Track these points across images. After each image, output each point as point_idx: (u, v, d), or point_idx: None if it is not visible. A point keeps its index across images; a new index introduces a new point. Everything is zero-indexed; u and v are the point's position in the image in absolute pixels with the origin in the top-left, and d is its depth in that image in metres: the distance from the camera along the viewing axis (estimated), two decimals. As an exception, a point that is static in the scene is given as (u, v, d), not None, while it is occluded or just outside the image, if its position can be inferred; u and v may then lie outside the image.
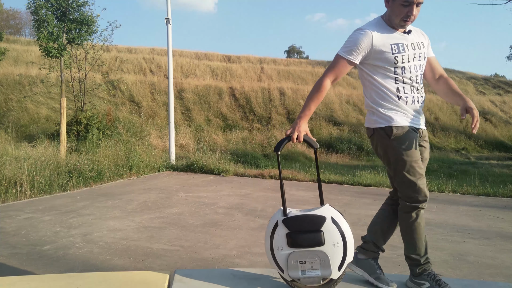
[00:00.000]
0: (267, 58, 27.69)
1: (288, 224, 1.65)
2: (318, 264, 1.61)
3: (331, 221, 1.64)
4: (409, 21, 1.79)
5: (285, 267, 1.63)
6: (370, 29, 1.81)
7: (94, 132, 10.50)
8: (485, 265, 3.42)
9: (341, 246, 1.63)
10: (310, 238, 1.61)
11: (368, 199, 6.42)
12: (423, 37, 1.94)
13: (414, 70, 1.86)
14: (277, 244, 1.65)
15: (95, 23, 9.70)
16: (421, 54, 1.88)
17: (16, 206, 5.35)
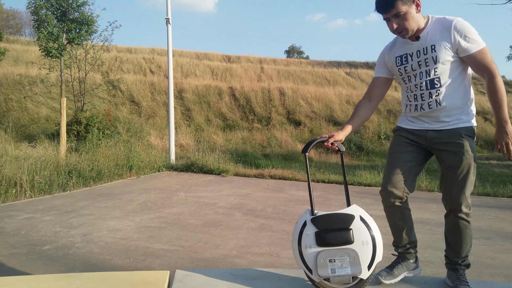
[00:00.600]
0: (267, 58, 27.70)
1: (316, 223, 1.65)
2: (348, 262, 1.59)
3: (360, 220, 1.63)
4: (401, 33, 1.77)
5: (314, 266, 1.62)
6: (386, 47, 1.98)
7: (94, 132, 10.50)
8: (485, 265, 3.42)
9: (370, 244, 1.61)
10: (339, 236, 1.60)
11: (368, 199, 6.42)
12: (443, 37, 1.72)
13: (419, 77, 1.81)
14: (306, 243, 1.63)
15: (95, 23, 9.69)
16: (428, 58, 1.76)
17: (16, 206, 5.35)
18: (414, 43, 1.80)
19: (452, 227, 1.85)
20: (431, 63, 1.77)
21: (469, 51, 1.69)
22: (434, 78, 1.78)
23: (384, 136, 16.20)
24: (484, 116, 20.03)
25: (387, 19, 1.76)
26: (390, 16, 1.73)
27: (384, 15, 1.75)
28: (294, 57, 45.89)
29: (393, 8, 1.69)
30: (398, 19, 1.72)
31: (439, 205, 6.39)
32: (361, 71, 25.20)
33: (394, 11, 1.70)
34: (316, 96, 18.96)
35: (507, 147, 1.54)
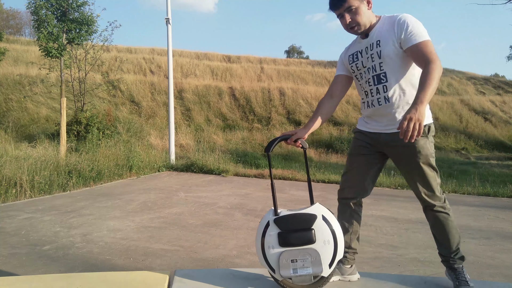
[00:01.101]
0: (267, 58, 27.69)
1: (279, 223, 1.67)
2: (310, 262, 1.62)
3: (322, 219, 1.66)
4: (353, 28, 1.82)
5: (277, 266, 1.64)
6: (346, 47, 2.04)
7: (94, 132, 10.50)
8: (485, 265, 3.42)
9: (332, 243, 1.64)
10: (301, 237, 1.63)
11: (368, 199, 6.38)
12: (388, 32, 1.75)
13: (368, 73, 1.85)
14: (269, 244, 1.67)
15: (95, 23, 9.69)
16: (374, 54, 1.80)
17: (16, 206, 5.35)
18: (364, 40, 1.86)
19: (434, 222, 1.90)
20: (376, 58, 1.79)
21: (411, 42, 1.67)
22: (380, 73, 1.80)
23: (384, 136, 16.20)
24: (484, 116, 20.04)
25: (340, 15, 1.82)
26: (343, 10, 1.79)
27: (338, 11, 1.81)
28: (294, 57, 45.88)
29: (345, 2, 1.76)
30: (350, 13, 1.77)
31: (439, 205, 6.36)
32: (361, 71, 25.16)
33: (347, 5, 1.76)
34: (316, 96, 18.95)
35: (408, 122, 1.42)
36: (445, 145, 17.21)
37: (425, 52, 1.63)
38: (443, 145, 17.08)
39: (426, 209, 1.90)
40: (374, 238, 4.21)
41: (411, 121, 1.43)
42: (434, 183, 1.84)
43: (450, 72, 28.44)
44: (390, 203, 6.19)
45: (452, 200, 6.58)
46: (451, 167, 11.25)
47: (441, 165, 11.59)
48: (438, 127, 18.53)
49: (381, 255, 3.66)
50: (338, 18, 1.87)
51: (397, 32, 1.73)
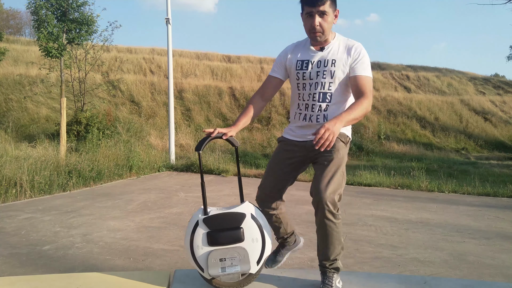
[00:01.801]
0: (267, 58, 27.65)
1: (208, 223, 1.67)
2: (238, 260, 1.63)
3: (251, 218, 1.66)
4: (317, 32, 1.79)
5: (205, 265, 1.64)
6: (290, 47, 1.96)
7: (94, 132, 10.49)
8: (485, 265, 3.42)
9: (260, 241, 1.65)
10: (230, 236, 1.63)
11: (368, 199, 6.42)
12: (343, 55, 1.81)
13: (314, 87, 1.83)
14: (197, 243, 1.66)
15: (95, 23, 9.69)
16: (326, 71, 1.80)
17: (16, 206, 5.34)
18: (318, 52, 1.85)
19: (319, 227, 1.76)
20: (328, 76, 1.81)
21: (358, 72, 1.76)
22: (327, 92, 1.83)
23: (384, 136, 16.20)
24: (484, 116, 20.04)
25: (310, 14, 1.77)
26: (316, 11, 1.74)
27: (312, 9, 1.75)
28: (294, 57, 45.82)
29: (323, 4, 1.73)
30: (321, 18, 1.75)
31: (439, 205, 6.43)
32: (361, 71, 25.17)
33: (322, 8, 1.73)
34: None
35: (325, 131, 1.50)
36: (445, 145, 17.21)
37: (366, 86, 1.74)
38: (443, 145, 17.08)
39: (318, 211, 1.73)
40: (374, 238, 4.22)
41: (328, 131, 1.50)
42: (337, 187, 1.72)
43: (450, 72, 28.44)
44: (390, 203, 6.19)
45: (452, 200, 6.60)
46: (451, 167, 11.25)
47: (441, 165, 11.59)
48: (438, 127, 18.53)
49: (381, 255, 3.66)
50: (304, 16, 1.80)
51: (351, 58, 1.79)
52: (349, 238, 4.18)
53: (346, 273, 2.06)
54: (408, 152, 14.98)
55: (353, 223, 4.86)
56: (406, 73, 26.24)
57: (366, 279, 1.92)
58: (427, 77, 25.59)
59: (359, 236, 4.27)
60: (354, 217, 5.13)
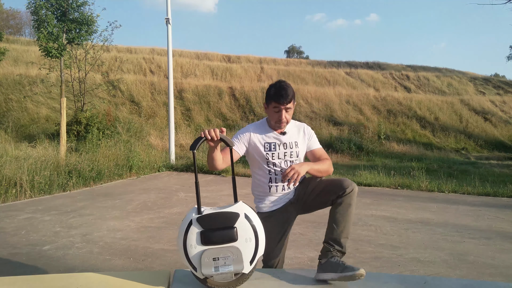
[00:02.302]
0: (267, 58, 27.68)
1: (202, 222, 1.67)
2: (231, 259, 1.63)
3: (244, 217, 1.68)
4: (283, 123, 2.07)
5: (198, 265, 1.64)
6: (252, 127, 2.17)
7: (94, 132, 10.49)
8: (485, 265, 3.42)
9: (253, 240, 1.67)
10: (223, 235, 1.65)
11: (368, 199, 6.42)
12: (301, 136, 2.17)
13: (285, 165, 2.12)
14: (191, 242, 1.66)
15: (95, 23, 9.68)
16: (293, 152, 2.13)
17: (16, 206, 5.34)
18: (281, 136, 2.13)
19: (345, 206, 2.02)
20: (294, 156, 2.13)
21: (315, 146, 2.22)
22: None
23: (384, 136, 16.20)
24: (484, 116, 20.04)
25: (278, 108, 2.03)
26: (284, 107, 2.03)
27: (281, 105, 2.02)
28: (294, 57, 45.87)
29: (289, 102, 2.03)
30: (287, 112, 2.06)
31: (439, 205, 6.42)
32: (361, 71, 25.20)
33: (288, 105, 2.04)
34: (316, 96, 18.96)
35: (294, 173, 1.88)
36: (445, 145, 17.21)
37: (325, 154, 2.22)
38: (443, 145, 17.09)
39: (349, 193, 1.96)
40: (374, 238, 4.22)
41: (293, 170, 1.90)
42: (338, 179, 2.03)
43: (450, 72, 28.44)
44: (390, 203, 6.19)
45: (452, 200, 6.60)
46: (451, 167, 11.25)
47: (441, 165, 11.59)
48: (438, 127, 18.54)
49: (381, 255, 3.66)
50: (272, 109, 2.05)
51: (306, 138, 2.19)
52: (349, 238, 4.18)
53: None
54: (408, 152, 14.98)
55: (353, 223, 4.85)
56: (406, 73, 26.25)
57: (366, 279, 1.92)
58: (427, 77, 25.60)
59: (359, 236, 4.27)
60: (354, 217, 5.13)
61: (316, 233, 4.39)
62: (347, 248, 2.02)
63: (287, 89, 2.03)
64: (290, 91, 2.04)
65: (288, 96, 2.02)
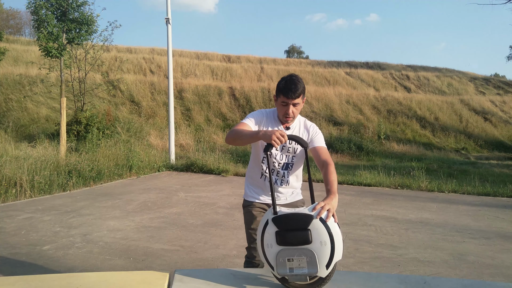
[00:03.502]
0: (267, 58, 27.69)
1: (277, 222, 1.69)
2: (305, 262, 1.63)
3: (319, 220, 1.66)
4: (289, 117, 2.08)
5: (274, 264, 1.67)
6: (265, 113, 2.21)
7: (94, 132, 10.49)
8: (485, 265, 3.42)
9: (329, 244, 1.64)
10: (297, 236, 1.65)
11: (368, 199, 6.42)
12: (304, 133, 2.17)
13: (280, 158, 2.17)
14: (267, 242, 1.69)
15: (95, 23, 9.68)
16: (291, 147, 2.14)
17: (16, 206, 5.35)
18: (285, 130, 2.15)
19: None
20: (292, 151, 2.16)
21: (319, 144, 2.14)
22: (289, 163, 2.19)
23: (384, 136, 16.20)
24: (484, 116, 20.03)
25: (286, 103, 2.04)
26: (291, 102, 2.03)
27: (289, 100, 2.03)
28: (294, 57, 45.85)
29: (298, 97, 2.04)
30: (295, 107, 2.06)
31: (439, 205, 6.42)
32: (361, 71, 25.20)
33: (297, 100, 2.04)
34: (316, 96, 18.96)
35: (328, 211, 1.70)
36: (445, 145, 17.21)
37: (327, 155, 2.09)
38: (443, 145, 17.09)
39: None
40: (374, 238, 4.22)
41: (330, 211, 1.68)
42: None
43: (450, 72, 28.44)
44: (390, 203, 6.19)
45: (452, 200, 6.60)
46: (451, 167, 11.25)
47: (441, 165, 11.59)
48: (438, 127, 18.54)
49: (381, 255, 3.66)
50: (280, 102, 2.07)
51: (311, 135, 2.17)
52: (349, 238, 4.18)
53: (346, 273, 2.06)
54: (408, 152, 14.99)
55: (353, 223, 4.86)
56: (406, 73, 26.25)
57: (366, 279, 1.92)
58: (427, 77, 25.60)
59: (359, 236, 4.27)
60: (354, 217, 5.13)
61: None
62: None
63: (297, 84, 2.04)
64: (300, 86, 2.05)
65: (297, 91, 2.03)
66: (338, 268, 2.47)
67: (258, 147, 2.19)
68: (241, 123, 2.10)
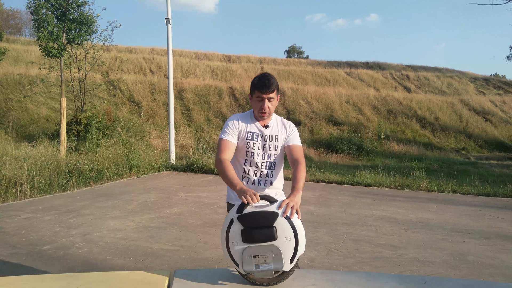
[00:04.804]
0: (267, 58, 27.69)
1: (242, 220, 1.72)
2: (271, 258, 1.68)
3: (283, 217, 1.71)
4: (265, 113, 2.12)
5: (240, 261, 1.70)
6: (239, 117, 2.23)
7: (94, 132, 10.49)
8: (485, 265, 3.42)
9: (293, 240, 1.70)
10: (263, 234, 1.68)
11: (368, 199, 6.42)
12: (282, 131, 2.20)
13: (262, 157, 2.18)
14: (233, 240, 1.72)
15: (95, 23, 9.67)
16: (272, 145, 2.17)
17: (16, 206, 5.34)
18: (264, 128, 2.18)
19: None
20: (273, 149, 2.18)
21: (294, 142, 2.18)
22: (272, 162, 2.20)
23: (384, 136, 16.20)
24: (484, 116, 20.03)
25: (261, 98, 2.09)
26: (266, 97, 2.08)
27: (263, 95, 2.08)
28: (294, 57, 45.84)
29: (272, 92, 2.09)
30: (270, 102, 2.11)
31: (439, 205, 6.41)
32: (361, 71, 25.21)
33: (271, 95, 2.09)
34: (316, 96, 18.96)
35: (292, 208, 1.74)
36: (445, 145, 17.21)
37: (300, 154, 2.14)
38: (443, 145, 17.08)
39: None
40: (374, 238, 4.22)
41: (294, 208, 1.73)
42: None
43: (450, 72, 28.44)
44: (390, 203, 6.19)
45: (452, 200, 6.60)
46: (451, 167, 11.25)
47: (441, 165, 11.59)
48: (438, 127, 18.54)
49: (381, 255, 3.66)
50: (255, 98, 2.11)
51: (288, 132, 2.20)
52: (349, 238, 4.18)
53: (346, 273, 2.06)
54: (408, 152, 14.98)
55: (353, 223, 4.86)
56: (406, 73, 26.25)
57: (366, 279, 1.92)
58: (427, 77, 25.60)
59: (359, 236, 4.27)
60: (354, 217, 5.13)
61: (316, 233, 4.40)
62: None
63: (270, 80, 2.09)
64: (273, 82, 2.10)
65: (271, 86, 2.08)
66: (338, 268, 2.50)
67: (239, 148, 2.18)
68: (222, 142, 2.11)
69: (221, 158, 2.04)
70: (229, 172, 1.97)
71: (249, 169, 2.19)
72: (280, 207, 1.71)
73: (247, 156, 2.18)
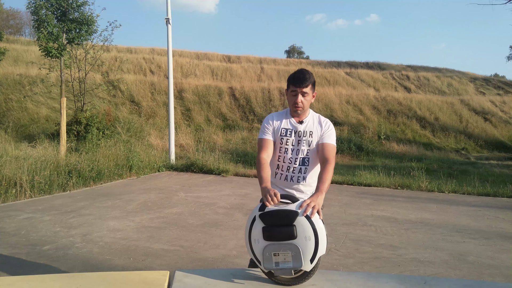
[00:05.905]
0: (267, 58, 27.68)
1: (264, 218, 1.77)
2: (291, 256, 1.70)
3: (304, 217, 1.73)
4: (299, 107, 2.13)
5: (261, 259, 1.74)
6: (274, 115, 2.27)
7: (94, 132, 10.49)
8: (485, 265, 3.42)
9: (313, 239, 1.72)
10: (283, 232, 1.72)
11: (368, 199, 6.42)
12: (317, 128, 2.19)
13: (296, 153, 2.18)
14: (255, 237, 1.76)
15: (95, 23, 9.68)
16: (305, 140, 2.16)
17: (16, 206, 5.34)
18: (298, 124, 2.19)
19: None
20: (306, 145, 2.17)
21: (328, 140, 2.15)
22: (305, 158, 2.18)
23: (384, 136, 16.20)
24: (484, 116, 20.03)
25: (295, 92, 2.11)
26: (300, 91, 2.10)
27: (298, 88, 2.10)
28: (294, 57, 45.85)
29: (306, 86, 2.10)
30: (303, 96, 2.12)
31: (439, 205, 6.42)
32: (361, 71, 25.20)
33: (305, 89, 2.10)
34: (316, 96, 18.89)
35: (313, 208, 1.75)
36: (445, 145, 17.21)
37: (331, 153, 2.11)
38: (443, 145, 17.08)
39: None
40: (374, 238, 4.22)
41: (315, 208, 1.75)
42: None
43: (450, 72, 28.44)
44: (390, 203, 6.19)
45: (452, 200, 6.60)
46: (451, 167, 11.25)
47: (441, 165, 11.59)
48: (438, 127, 18.53)
49: (381, 255, 3.66)
50: (290, 92, 2.14)
51: (323, 129, 2.19)
52: (349, 238, 4.18)
53: (346, 273, 2.06)
54: (408, 152, 14.98)
55: (353, 223, 4.86)
56: (406, 73, 26.25)
57: (366, 279, 1.92)
58: (427, 77, 25.60)
59: (359, 236, 4.27)
60: (354, 217, 5.13)
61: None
62: None
63: (305, 74, 2.11)
64: (309, 76, 2.11)
65: (305, 80, 2.09)
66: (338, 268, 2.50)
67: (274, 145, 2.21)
68: (260, 141, 2.19)
69: (259, 156, 2.14)
70: (262, 171, 2.04)
71: (282, 165, 2.21)
72: (301, 206, 1.74)
73: (281, 152, 2.20)
